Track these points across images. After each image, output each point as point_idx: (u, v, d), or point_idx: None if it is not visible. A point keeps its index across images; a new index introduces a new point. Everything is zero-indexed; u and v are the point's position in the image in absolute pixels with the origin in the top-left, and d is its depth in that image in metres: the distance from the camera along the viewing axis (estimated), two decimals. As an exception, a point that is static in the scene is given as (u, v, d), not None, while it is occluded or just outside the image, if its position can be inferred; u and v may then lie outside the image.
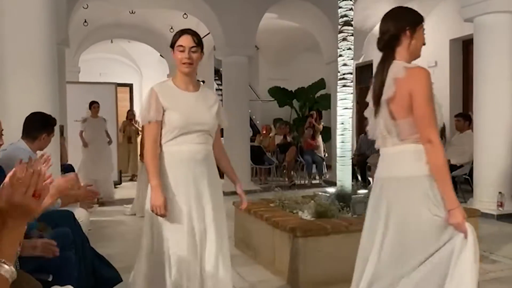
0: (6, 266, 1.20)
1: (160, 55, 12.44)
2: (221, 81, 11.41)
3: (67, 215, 2.76)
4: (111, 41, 12.40)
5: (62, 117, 5.67)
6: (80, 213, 3.21)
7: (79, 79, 10.74)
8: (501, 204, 5.46)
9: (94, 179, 6.93)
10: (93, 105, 7.52)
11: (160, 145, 2.38)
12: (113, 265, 3.00)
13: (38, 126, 3.06)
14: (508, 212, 5.48)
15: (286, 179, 9.49)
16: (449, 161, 6.82)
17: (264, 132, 10.84)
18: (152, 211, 2.31)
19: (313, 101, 12.01)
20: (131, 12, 9.93)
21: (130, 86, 14.39)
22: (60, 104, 4.44)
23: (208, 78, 12.35)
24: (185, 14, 9.75)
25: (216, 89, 13.18)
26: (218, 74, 13.35)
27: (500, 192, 5.50)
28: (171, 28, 11.00)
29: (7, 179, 1.24)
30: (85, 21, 9.79)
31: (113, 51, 13.40)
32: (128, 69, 14.25)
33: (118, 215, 6.43)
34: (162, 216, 2.29)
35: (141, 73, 14.23)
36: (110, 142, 7.71)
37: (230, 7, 8.08)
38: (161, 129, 2.36)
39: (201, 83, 2.70)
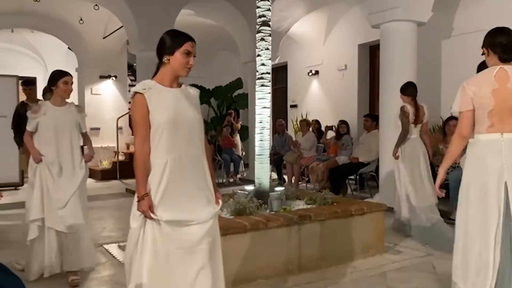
0: None
1: (68, 48, 11.68)
2: (135, 77, 11.01)
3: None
4: (12, 31, 11.39)
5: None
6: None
7: (-27, 70, 9.73)
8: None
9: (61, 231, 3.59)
10: (63, 78, 3.68)
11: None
12: (14, 273, 2.75)
13: None
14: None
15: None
16: (357, 159, 7.24)
17: None
18: None
19: (231, 100, 12.07)
20: (35, 0, 9.19)
21: (34, 80, 13.36)
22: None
23: (120, 73, 11.81)
24: (96, 5, 9.26)
25: (130, 85, 12.66)
26: (131, 69, 12.85)
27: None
28: (81, 19, 10.38)
29: None
30: (-19, 7, 8.90)
31: (14, 42, 12.33)
32: (31, 61, 13.19)
33: (20, 219, 5.90)
34: None
35: (46, 66, 13.23)
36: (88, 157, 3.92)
37: (144, 0, 7.82)
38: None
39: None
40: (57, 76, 3.71)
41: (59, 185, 3.59)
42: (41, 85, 13.65)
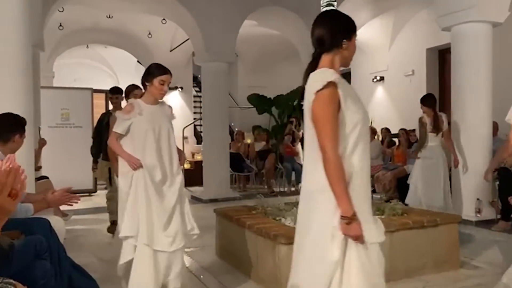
0: None
1: (138, 61, 12.27)
2: (200, 88, 11.32)
3: (42, 223, 2.62)
4: (87, 46, 12.18)
5: (36, 123, 5.46)
6: (55, 221, 3.07)
7: (53, 84, 10.47)
8: (479, 211, 5.53)
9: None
10: (161, 77, 3.14)
11: None
12: (90, 275, 2.88)
13: (10, 127, 2.91)
14: (485, 219, 5.56)
15: (266, 187, 9.43)
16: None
17: (237, 137, 10.59)
18: None
19: (292, 108, 12.03)
20: (108, 16, 9.78)
21: (106, 92, 14.17)
22: (34, 108, 4.28)
23: (186, 84, 12.22)
24: (164, 19, 9.66)
25: (195, 96, 13.05)
26: (196, 81, 13.23)
27: (478, 199, 5.57)
28: (149, 33, 10.88)
29: None
30: (60, 25, 9.58)
31: (88, 57, 13.16)
32: (103, 75, 14.00)
33: (94, 224, 6.23)
34: None
35: (118, 79, 14.00)
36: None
37: (209, 13, 8.03)
38: None
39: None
40: (154, 73, 3.09)
41: (163, 195, 3.06)
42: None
